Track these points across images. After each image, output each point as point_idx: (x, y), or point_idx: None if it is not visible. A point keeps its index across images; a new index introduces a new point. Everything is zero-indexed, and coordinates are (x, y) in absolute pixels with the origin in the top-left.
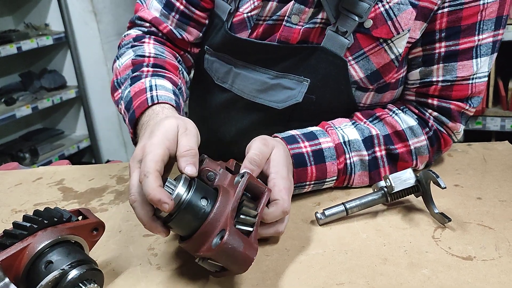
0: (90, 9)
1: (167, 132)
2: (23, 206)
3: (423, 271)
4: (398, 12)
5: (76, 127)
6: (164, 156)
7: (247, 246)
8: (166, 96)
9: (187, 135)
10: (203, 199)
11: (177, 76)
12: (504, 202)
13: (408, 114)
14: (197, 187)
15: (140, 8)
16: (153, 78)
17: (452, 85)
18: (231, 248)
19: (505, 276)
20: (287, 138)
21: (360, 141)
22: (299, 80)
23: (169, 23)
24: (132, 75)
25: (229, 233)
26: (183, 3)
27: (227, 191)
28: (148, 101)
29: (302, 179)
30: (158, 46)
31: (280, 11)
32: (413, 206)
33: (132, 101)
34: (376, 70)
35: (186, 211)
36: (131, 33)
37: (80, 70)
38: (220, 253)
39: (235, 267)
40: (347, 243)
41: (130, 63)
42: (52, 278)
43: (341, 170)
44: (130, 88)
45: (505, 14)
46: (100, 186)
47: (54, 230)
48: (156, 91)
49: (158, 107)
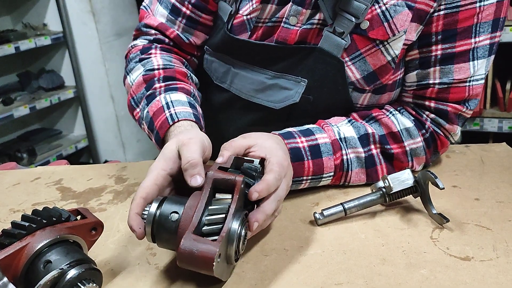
0: (88, 9)
1: (164, 155)
2: (21, 206)
3: (421, 272)
4: (394, 13)
5: (74, 127)
6: (156, 180)
7: (204, 247)
8: (184, 112)
9: (187, 146)
10: (173, 213)
11: (188, 83)
12: (501, 203)
13: (405, 116)
14: (166, 204)
15: (145, 15)
16: (167, 94)
17: (449, 88)
18: (187, 252)
19: (503, 276)
20: (284, 134)
21: (356, 139)
22: (296, 80)
23: (176, 28)
24: (147, 94)
25: (183, 239)
26: (189, 7)
27: (196, 198)
28: (169, 120)
29: (299, 173)
30: (165, 55)
31: (278, 13)
32: (411, 206)
33: (153, 122)
34: (372, 72)
35: (159, 229)
36: (137, 43)
37: (78, 70)
38: (180, 260)
39: (202, 270)
40: (345, 243)
41: (142, 80)
42: (51, 278)
43: (338, 166)
44: (148, 108)
45: (502, 16)
46: (98, 186)
47: (53, 229)
48: (173, 108)
49: (178, 126)
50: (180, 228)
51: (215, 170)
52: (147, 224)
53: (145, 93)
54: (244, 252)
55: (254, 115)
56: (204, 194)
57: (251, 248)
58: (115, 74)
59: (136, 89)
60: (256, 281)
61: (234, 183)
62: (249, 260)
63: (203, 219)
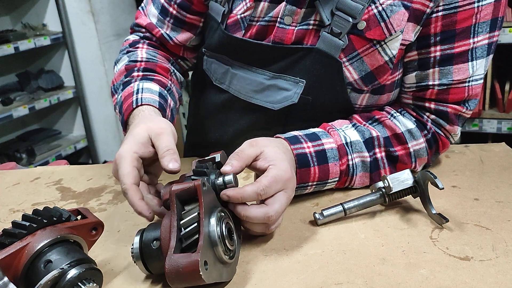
0: (87, 10)
1: (135, 139)
2: (21, 205)
3: (421, 271)
4: (390, 13)
5: (73, 127)
6: (133, 162)
7: (187, 261)
8: (150, 98)
9: (162, 136)
10: (154, 241)
11: (167, 78)
12: (501, 203)
13: (407, 117)
14: (146, 234)
15: (139, 15)
16: (141, 82)
17: (448, 89)
18: (174, 271)
19: (502, 276)
20: (290, 138)
21: (362, 143)
22: (295, 81)
23: (165, 27)
24: (124, 81)
25: (166, 261)
26: (175, 8)
27: (168, 218)
28: (133, 103)
29: (305, 179)
30: (151, 51)
31: (272, 12)
32: (411, 206)
33: (122, 105)
34: (370, 72)
35: (149, 261)
36: (129, 38)
37: (78, 71)
38: (171, 282)
39: (194, 283)
40: (345, 243)
41: (123, 69)
42: (51, 277)
43: (344, 171)
44: (122, 93)
45: (500, 15)
46: (98, 186)
47: (53, 229)
48: (141, 93)
49: (140, 109)
50: (164, 252)
51: (174, 185)
52: (137, 260)
53: (123, 80)
54: (244, 252)
55: (253, 116)
56: (173, 211)
57: (251, 248)
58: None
59: (117, 77)
60: (256, 281)
61: (195, 189)
62: (249, 260)
63: (180, 235)
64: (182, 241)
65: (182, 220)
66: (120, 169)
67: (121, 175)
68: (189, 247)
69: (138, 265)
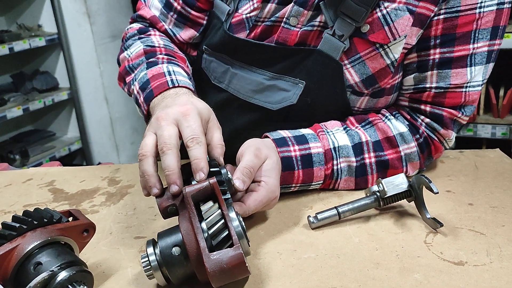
0: (83, 11)
1: (200, 110)
2: (12, 207)
3: (415, 276)
4: (395, 18)
5: (68, 129)
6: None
7: (230, 257)
8: (185, 81)
9: (217, 128)
10: (174, 247)
11: (187, 67)
12: (495, 208)
13: (400, 120)
14: (160, 242)
15: (141, 6)
16: (170, 65)
17: (445, 92)
18: (218, 270)
19: (496, 281)
20: (278, 140)
21: (350, 147)
22: (294, 82)
23: (168, 22)
24: (148, 61)
25: (206, 263)
26: (180, 3)
27: (185, 222)
28: (169, 83)
29: (288, 181)
30: (164, 38)
31: (279, 13)
32: (405, 211)
33: (149, 82)
34: (371, 75)
35: (170, 269)
36: (133, 26)
37: (73, 72)
38: (215, 281)
39: (239, 277)
40: (339, 247)
41: (142, 51)
42: (41, 280)
43: (328, 175)
44: (147, 71)
45: (502, 24)
46: (91, 187)
47: (44, 231)
48: (175, 75)
49: (178, 90)
50: (191, 256)
51: (186, 187)
52: (155, 271)
53: (144, 60)
54: None
55: (251, 116)
56: (192, 213)
57: None
58: (109, 76)
59: (134, 58)
60: (249, 284)
61: (211, 187)
62: None
63: (207, 235)
64: (210, 241)
65: (204, 220)
66: (188, 122)
67: (166, 135)
68: (219, 245)
69: (157, 277)
